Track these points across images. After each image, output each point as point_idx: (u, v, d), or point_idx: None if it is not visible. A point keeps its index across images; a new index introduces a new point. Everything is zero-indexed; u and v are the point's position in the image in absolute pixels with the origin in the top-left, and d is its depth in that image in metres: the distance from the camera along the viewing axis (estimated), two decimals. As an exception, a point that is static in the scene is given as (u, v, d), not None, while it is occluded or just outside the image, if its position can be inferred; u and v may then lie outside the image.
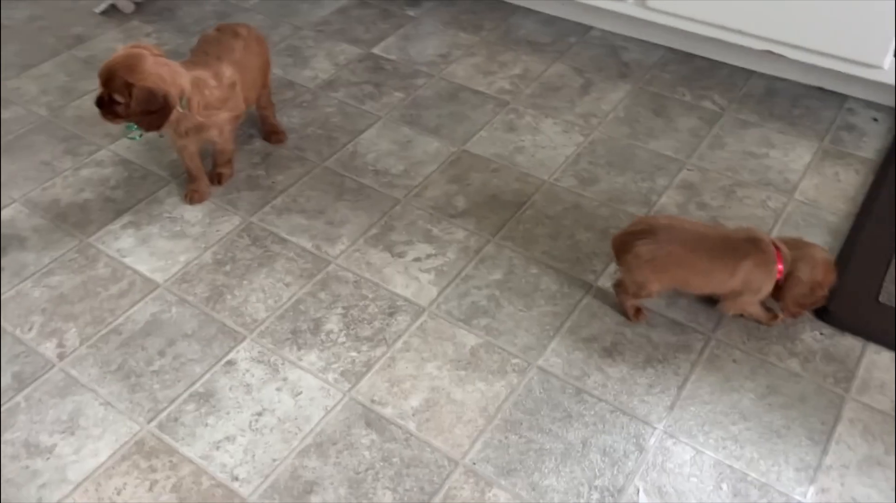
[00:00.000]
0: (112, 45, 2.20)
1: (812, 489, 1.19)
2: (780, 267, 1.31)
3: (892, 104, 1.90)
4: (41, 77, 2.10)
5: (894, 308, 1.41)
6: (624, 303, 1.42)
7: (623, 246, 1.37)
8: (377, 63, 2.14)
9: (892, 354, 1.37)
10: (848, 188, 1.70)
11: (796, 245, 1.35)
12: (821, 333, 1.41)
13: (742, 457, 1.23)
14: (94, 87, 2.01)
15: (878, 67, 1.77)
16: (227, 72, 1.55)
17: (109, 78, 1.45)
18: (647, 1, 1.98)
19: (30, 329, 1.45)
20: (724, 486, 1.20)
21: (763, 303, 1.39)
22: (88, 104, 1.99)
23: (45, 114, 1.97)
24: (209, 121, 1.56)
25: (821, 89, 1.98)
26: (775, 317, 1.40)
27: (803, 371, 1.35)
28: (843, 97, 1.95)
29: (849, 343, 1.40)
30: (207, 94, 1.53)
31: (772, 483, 1.20)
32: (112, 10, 2.36)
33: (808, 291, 1.32)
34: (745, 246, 1.31)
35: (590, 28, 2.24)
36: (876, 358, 1.37)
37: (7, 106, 2.00)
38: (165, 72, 1.46)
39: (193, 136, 1.58)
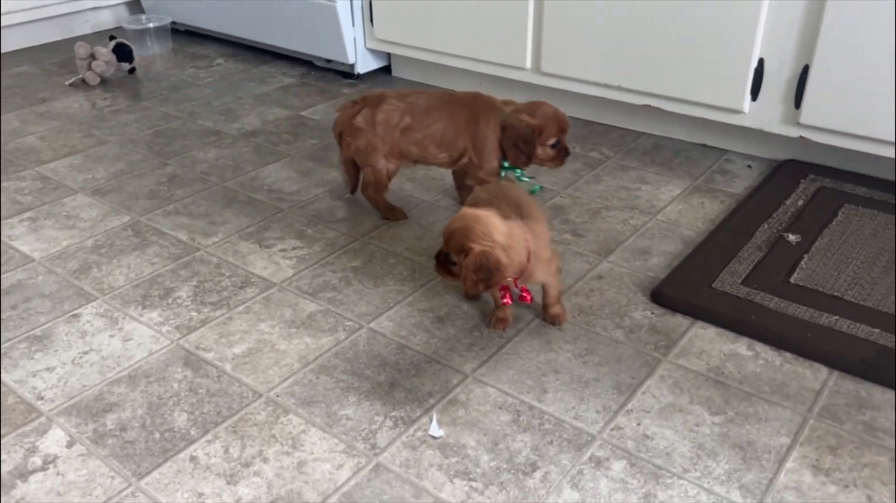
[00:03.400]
0: (70, 105, 2.44)
1: (607, 426, 1.17)
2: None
3: (766, 155, 2.00)
4: (-2, 123, 2.32)
5: (726, 293, 1.44)
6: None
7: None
8: (301, 121, 2.33)
9: (719, 330, 1.37)
10: (710, 212, 1.77)
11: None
12: (652, 313, 1.43)
13: (545, 401, 1.22)
14: (41, 130, 2.23)
15: (741, 112, 1.90)
16: None
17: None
18: (542, 66, 2.18)
19: None
20: (519, 421, 1.18)
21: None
22: (30, 141, 2.19)
23: (-12, 146, 2.17)
24: None
25: (703, 145, 2.10)
26: None
27: (626, 340, 1.36)
28: (724, 151, 2.07)
29: (678, 321, 1.41)
30: None
31: (568, 420, 1.18)
32: (80, 83, 2.64)
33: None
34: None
35: (502, 102, 2.43)
36: (701, 331, 1.38)
37: (-43, 140, 2.20)
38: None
39: None
